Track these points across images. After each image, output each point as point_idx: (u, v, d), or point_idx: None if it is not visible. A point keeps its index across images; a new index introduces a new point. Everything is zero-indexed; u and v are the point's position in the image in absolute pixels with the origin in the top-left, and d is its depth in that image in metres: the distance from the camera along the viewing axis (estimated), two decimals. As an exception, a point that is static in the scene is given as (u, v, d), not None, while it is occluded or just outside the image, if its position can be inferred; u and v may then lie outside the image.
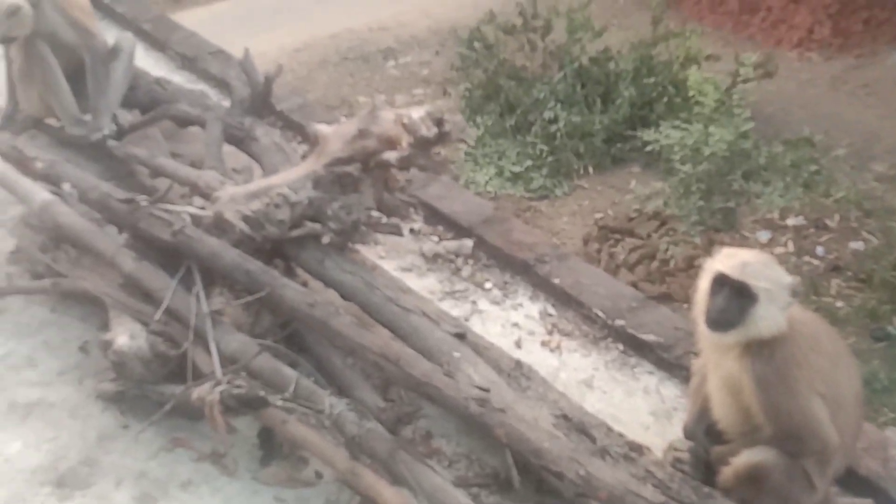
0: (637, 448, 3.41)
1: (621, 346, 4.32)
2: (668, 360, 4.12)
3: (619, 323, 4.32)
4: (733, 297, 3.04)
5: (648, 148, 7.58)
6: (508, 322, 4.43)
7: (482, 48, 10.04)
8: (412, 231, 4.82)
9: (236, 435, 3.68)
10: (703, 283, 3.15)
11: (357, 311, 3.92)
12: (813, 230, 5.45)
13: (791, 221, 5.44)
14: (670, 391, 4.08)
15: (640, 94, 9.19)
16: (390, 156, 3.84)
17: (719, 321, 3.07)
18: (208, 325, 3.73)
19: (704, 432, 3.43)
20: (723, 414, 3.31)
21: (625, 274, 7.94)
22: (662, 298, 7.20)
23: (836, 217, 5.29)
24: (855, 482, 3.47)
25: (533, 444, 3.15)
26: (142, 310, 3.92)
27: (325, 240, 3.93)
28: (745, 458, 3.17)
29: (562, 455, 3.11)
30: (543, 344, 4.32)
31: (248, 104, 4.88)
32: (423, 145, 3.84)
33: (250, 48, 5.00)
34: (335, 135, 3.94)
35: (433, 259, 4.73)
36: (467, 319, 4.36)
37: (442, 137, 3.86)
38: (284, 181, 3.97)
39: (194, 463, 3.70)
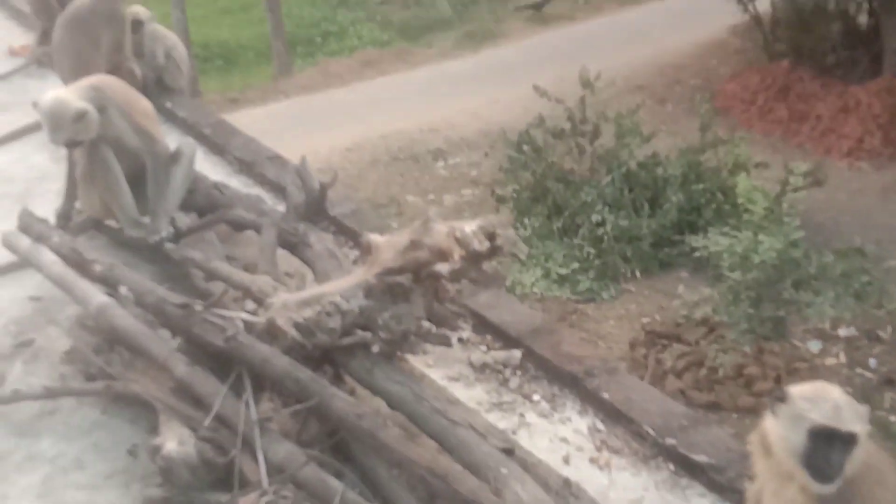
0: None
1: (672, 466, 4.23)
2: (720, 482, 4.02)
3: (670, 442, 4.24)
4: (839, 448, 2.96)
5: (697, 254, 7.58)
6: (556, 436, 4.37)
7: (531, 151, 10.25)
8: (460, 340, 4.82)
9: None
10: (790, 431, 3.02)
11: (404, 420, 3.90)
12: (865, 341, 5.38)
13: (843, 332, 5.38)
14: (723, 515, 3.98)
15: (689, 199, 9.29)
16: (442, 268, 3.87)
17: (832, 476, 2.98)
18: (256, 433, 3.73)
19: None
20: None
21: (672, 381, 7.88)
22: (711, 407, 7.11)
23: (889, 329, 5.22)
24: None
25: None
26: (191, 415, 3.93)
27: (375, 349, 3.95)
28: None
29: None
30: (592, 461, 4.24)
31: (302, 210, 4.97)
32: (475, 259, 3.86)
33: (303, 146, 5.12)
34: (388, 245, 3.99)
35: (481, 369, 4.72)
36: (514, 432, 4.31)
37: (494, 252, 3.88)
38: (336, 289, 4.01)
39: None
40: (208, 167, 6.19)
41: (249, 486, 3.60)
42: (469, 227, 3.86)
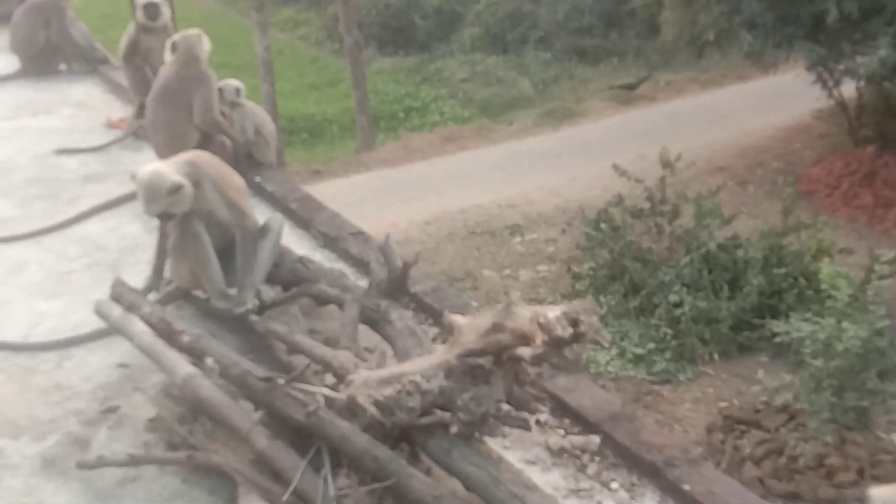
0: None
1: (754, 561, 4.13)
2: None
3: (752, 537, 4.14)
4: None
5: (778, 339, 7.45)
6: (635, 527, 4.31)
7: (609, 229, 10.25)
8: (538, 423, 4.79)
9: None
10: None
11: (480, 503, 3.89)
12: (952, 434, 5.20)
13: (928, 424, 5.20)
14: None
15: (770, 283, 9.15)
16: (524, 352, 3.89)
17: None
18: (334, 509, 3.76)
19: None
20: None
21: (750, 468, 7.68)
22: (790, 497, 6.90)
23: (976, 423, 5.04)
24: None
25: None
26: (270, 488, 3.98)
27: (454, 430, 3.96)
28: None
29: None
30: (671, 553, 4.17)
31: (384, 286, 5.04)
32: (558, 344, 3.87)
33: (383, 219, 5.22)
34: (469, 326, 4.02)
35: (558, 453, 4.68)
36: (592, 520, 4.26)
37: (577, 338, 3.89)
38: (417, 369, 4.05)
39: None
40: (294, 241, 6.34)
41: (325, 564, 3.62)
42: (553, 312, 3.87)
